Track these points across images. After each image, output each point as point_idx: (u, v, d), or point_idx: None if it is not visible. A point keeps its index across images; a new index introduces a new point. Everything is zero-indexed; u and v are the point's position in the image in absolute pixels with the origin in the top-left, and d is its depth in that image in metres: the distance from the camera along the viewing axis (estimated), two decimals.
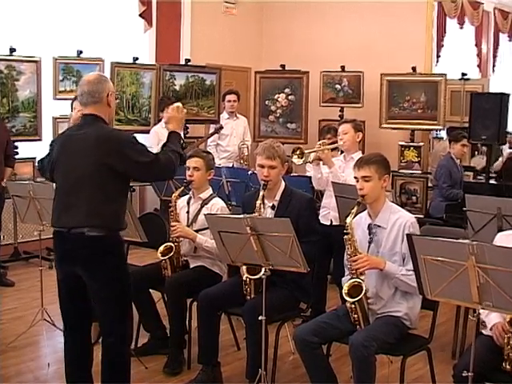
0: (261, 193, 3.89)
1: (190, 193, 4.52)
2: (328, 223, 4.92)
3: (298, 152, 4.59)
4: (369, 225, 3.58)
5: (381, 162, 3.57)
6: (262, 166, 3.93)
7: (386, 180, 3.56)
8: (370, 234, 3.56)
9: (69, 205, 3.24)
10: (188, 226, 4.39)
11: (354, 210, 3.45)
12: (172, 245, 4.32)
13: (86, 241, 3.18)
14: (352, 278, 3.46)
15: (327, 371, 3.50)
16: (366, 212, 3.64)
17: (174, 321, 4.22)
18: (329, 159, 4.78)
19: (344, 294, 3.44)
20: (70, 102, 4.74)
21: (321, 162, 4.80)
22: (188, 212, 4.45)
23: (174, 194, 4.38)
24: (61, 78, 6.93)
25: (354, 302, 3.40)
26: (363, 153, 7.72)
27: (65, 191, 3.30)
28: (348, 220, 3.44)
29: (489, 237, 3.54)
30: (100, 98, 3.32)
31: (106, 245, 3.25)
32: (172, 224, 4.32)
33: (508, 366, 3.05)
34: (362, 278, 3.43)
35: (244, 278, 3.82)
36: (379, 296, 3.51)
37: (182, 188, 4.40)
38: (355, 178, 3.59)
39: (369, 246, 3.55)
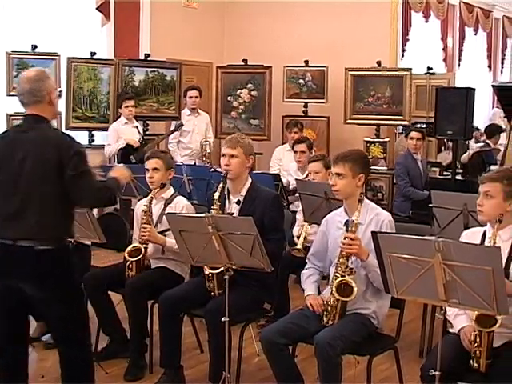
0: (220, 184, 3.81)
1: (151, 193, 4.37)
2: None
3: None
4: (346, 221, 3.49)
5: (357, 160, 3.49)
6: (224, 156, 3.86)
7: (361, 179, 3.48)
8: (347, 230, 3.45)
9: (14, 213, 3.04)
10: (154, 226, 4.27)
11: None
12: (141, 246, 4.20)
13: (35, 255, 3.01)
14: (340, 275, 3.35)
15: (294, 372, 3.46)
16: (341, 209, 3.58)
17: (134, 324, 4.11)
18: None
19: (334, 288, 3.33)
20: None
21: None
22: (151, 213, 4.32)
23: (146, 198, 4.30)
24: (15, 73, 6.73)
25: (337, 299, 3.32)
26: (327, 149, 7.72)
27: (9, 198, 3.07)
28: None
29: (455, 233, 3.51)
30: (42, 97, 3.13)
31: (55, 258, 3.07)
32: (143, 226, 4.21)
33: (476, 364, 3.01)
34: (352, 277, 3.33)
35: (207, 273, 3.75)
36: None
37: (151, 196, 4.27)
38: (329, 173, 3.51)
39: None
